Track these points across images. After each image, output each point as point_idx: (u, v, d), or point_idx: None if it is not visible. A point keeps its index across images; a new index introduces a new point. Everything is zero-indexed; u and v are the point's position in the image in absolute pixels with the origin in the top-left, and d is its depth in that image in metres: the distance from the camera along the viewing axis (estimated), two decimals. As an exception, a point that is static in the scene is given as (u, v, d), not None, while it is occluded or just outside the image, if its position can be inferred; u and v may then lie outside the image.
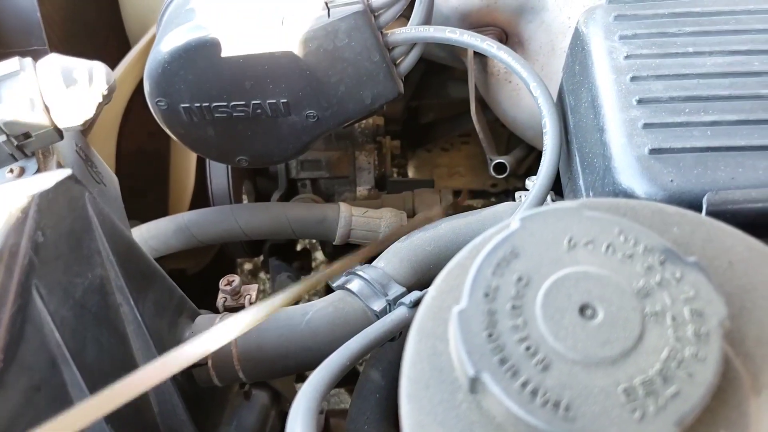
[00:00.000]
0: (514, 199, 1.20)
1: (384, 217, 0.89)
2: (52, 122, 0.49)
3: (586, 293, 0.34)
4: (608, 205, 0.42)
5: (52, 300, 0.39)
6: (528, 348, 0.32)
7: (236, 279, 0.62)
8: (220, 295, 0.63)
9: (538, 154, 1.01)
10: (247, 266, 1.91)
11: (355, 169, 1.04)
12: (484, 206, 1.43)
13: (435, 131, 1.35)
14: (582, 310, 0.33)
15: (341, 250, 0.97)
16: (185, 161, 1.04)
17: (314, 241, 1.45)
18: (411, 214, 0.99)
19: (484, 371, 0.32)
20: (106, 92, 0.51)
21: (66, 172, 0.42)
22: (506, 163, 0.95)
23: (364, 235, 0.88)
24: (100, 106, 0.52)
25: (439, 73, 1.23)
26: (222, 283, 0.62)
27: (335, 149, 1.03)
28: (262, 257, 1.16)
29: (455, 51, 1.00)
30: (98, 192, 0.54)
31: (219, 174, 0.93)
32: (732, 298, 0.38)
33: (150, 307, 0.50)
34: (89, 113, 0.50)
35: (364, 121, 1.02)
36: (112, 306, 0.45)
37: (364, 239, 0.88)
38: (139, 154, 1.01)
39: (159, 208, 1.03)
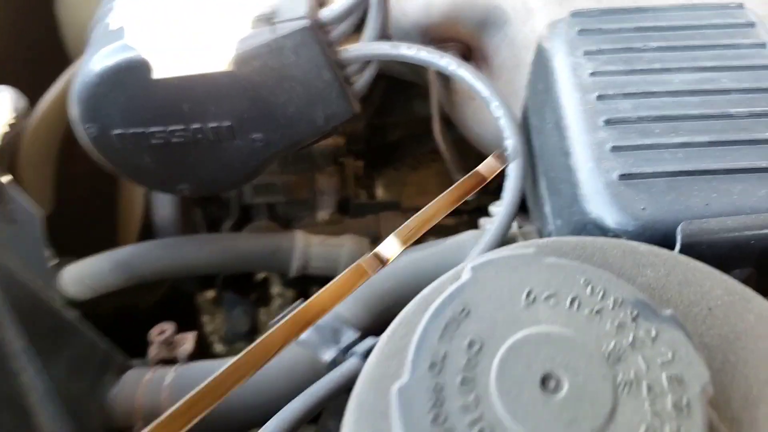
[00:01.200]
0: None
1: (344, 245, 0.83)
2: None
3: (548, 360, 0.29)
4: (573, 245, 0.37)
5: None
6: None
7: (169, 328, 0.56)
8: (152, 347, 0.57)
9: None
10: (210, 293, 1.82)
11: (315, 192, 0.98)
12: (456, 225, 1.38)
13: (403, 149, 1.30)
14: (544, 381, 0.28)
15: (301, 279, 0.92)
16: (134, 187, 0.98)
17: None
18: (375, 240, 0.93)
19: (428, 462, 0.26)
20: (13, 121, 0.45)
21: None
22: (472, 184, 0.90)
23: (323, 267, 0.82)
24: (8, 137, 0.46)
25: (404, 89, 1.18)
26: (153, 332, 0.56)
27: (292, 172, 0.97)
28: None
29: (417, 67, 0.96)
30: (10, 234, 0.48)
31: (163, 203, 0.87)
32: (713, 350, 0.33)
33: (62, 368, 0.44)
34: (-8, 146, 0.44)
35: (323, 142, 0.97)
36: (9, 374, 0.39)
37: (324, 270, 0.83)
38: (88, 179, 0.95)
39: (107, 238, 0.97)
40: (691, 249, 0.46)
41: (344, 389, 0.47)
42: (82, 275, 0.75)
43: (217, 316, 1.62)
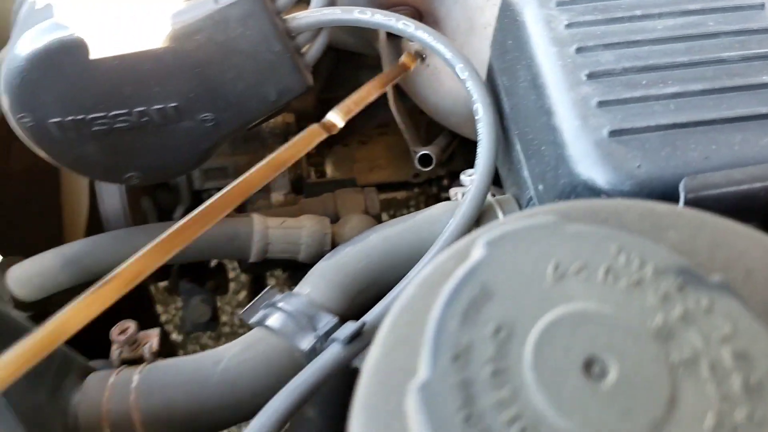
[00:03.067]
0: (439, 191, 1.10)
1: (305, 226, 0.78)
2: None
3: (589, 342, 0.25)
4: (583, 210, 0.33)
5: None
6: (523, 431, 0.23)
7: (131, 326, 0.51)
8: (115, 347, 0.52)
9: (461, 141, 0.93)
10: (162, 283, 1.74)
11: (267, 174, 0.92)
12: (407, 199, 1.33)
13: (352, 124, 1.25)
14: (587, 366, 0.24)
15: (257, 263, 0.87)
16: (77, 179, 0.91)
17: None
18: (334, 218, 0.89)
19: (466, 473, 0.22)
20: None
21: None
22: (431, 155, 0.86)
23: (283, 249, 0.77)
24: None
25: (351, 61, 1.13)
26: (114, 332, 0.51)
27: (243, 153, 0.91)
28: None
29: (366, 36, 0.91)
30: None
31: (110, 194, 0.80)
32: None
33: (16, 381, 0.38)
34: None
35: (272, 120, 0.91)
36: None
37: (284, 253, 0.78)
38: (30, 175, 0.87)
39: (53, 235, 0.89)
40: (696, 205, 0.43)
41: (328, 379, 0.43)
42: (30, 275, 0.68)
43: (171, 306, 1.55)
